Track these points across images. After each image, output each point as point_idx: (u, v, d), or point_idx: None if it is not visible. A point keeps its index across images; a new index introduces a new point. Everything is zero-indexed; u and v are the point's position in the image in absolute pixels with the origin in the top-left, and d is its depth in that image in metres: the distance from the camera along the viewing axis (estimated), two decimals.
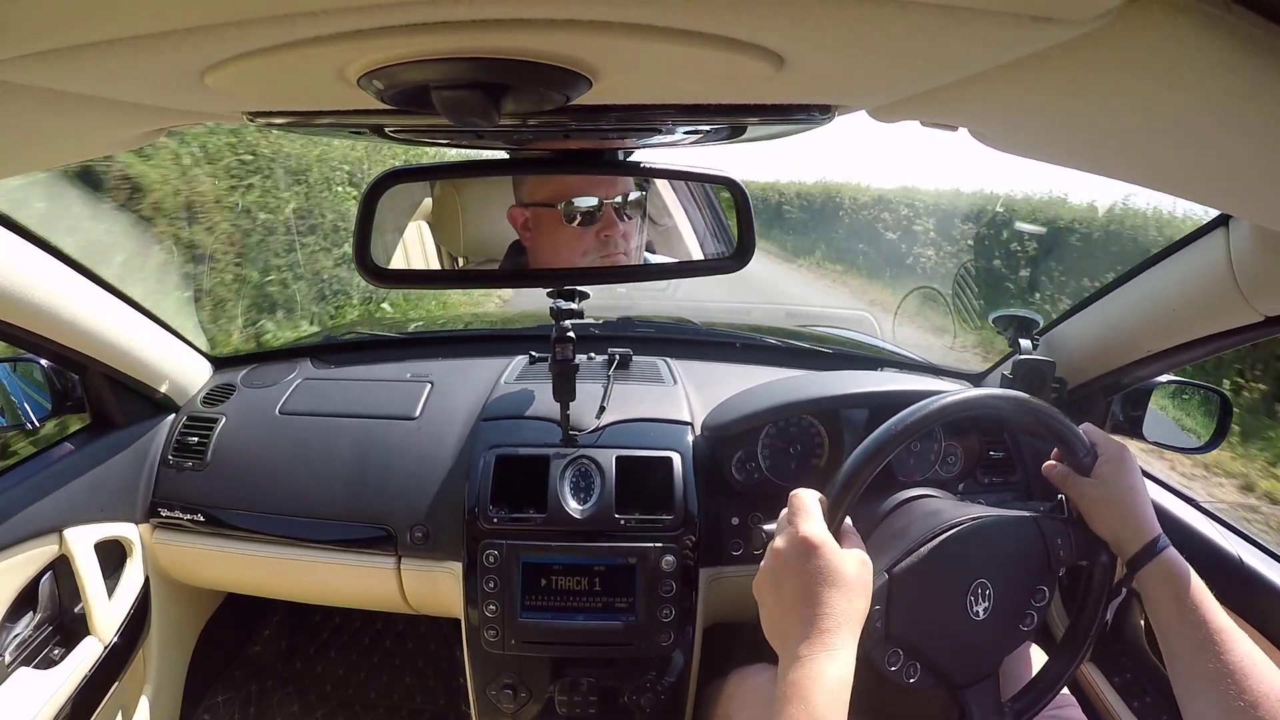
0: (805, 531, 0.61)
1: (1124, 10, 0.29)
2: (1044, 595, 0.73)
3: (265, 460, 1.14)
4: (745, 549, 1.05)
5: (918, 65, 0.38)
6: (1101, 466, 0.73)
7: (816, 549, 0.59)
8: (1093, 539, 0.74)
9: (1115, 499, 0.71)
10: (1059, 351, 1.11)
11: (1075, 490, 0.74)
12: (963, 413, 0.71)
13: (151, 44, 0.32)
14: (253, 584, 1.23)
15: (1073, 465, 0.75)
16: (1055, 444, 0.75)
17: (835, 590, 0.58)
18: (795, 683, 0.54)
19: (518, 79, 0.38)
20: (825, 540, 0.60)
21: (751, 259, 0.81)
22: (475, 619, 1.02)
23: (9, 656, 0.95)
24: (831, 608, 0.57)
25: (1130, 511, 0.71)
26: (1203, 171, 0.48)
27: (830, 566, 0.59)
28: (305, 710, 1.51)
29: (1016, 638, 0.73)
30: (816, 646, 0.56)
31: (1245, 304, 0.78)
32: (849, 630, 0.57)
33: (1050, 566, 0.72)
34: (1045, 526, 0.72)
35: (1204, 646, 0.63)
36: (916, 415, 0.68)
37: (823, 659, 0.55)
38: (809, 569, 0.59)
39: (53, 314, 0.92)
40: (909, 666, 0.68)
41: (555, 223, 0.80)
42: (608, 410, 1.12)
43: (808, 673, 0.54)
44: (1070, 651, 0.76)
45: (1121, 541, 0.71)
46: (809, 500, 0.64)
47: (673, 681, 1.04)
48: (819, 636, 0.56)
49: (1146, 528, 0.70)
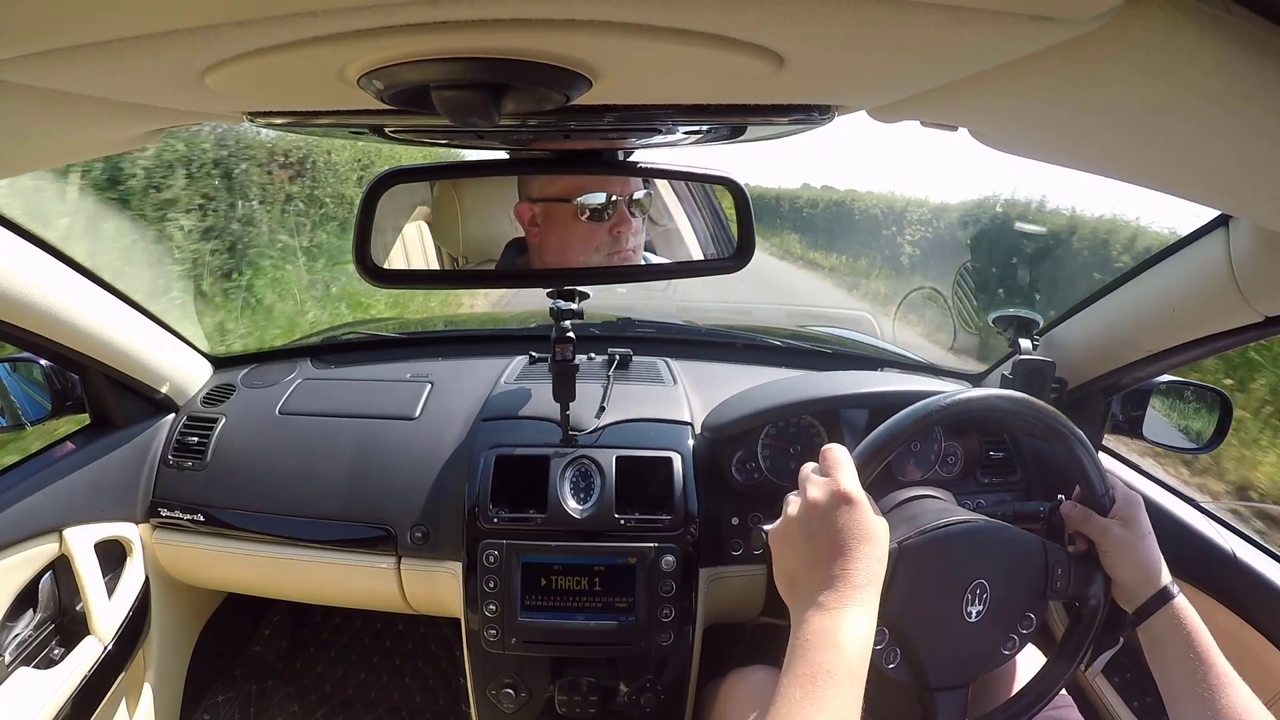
0: (845, 485, 0.59)
1: (1124, 10, 0.29)
2: (1031, 622, 0.73)
3: (265, 460, 1.14)
4: (745, 549, 1.05)
5: (918, 65, 0.38)
6: (1122, 509, 0.73)
7: (856, 503, 0.59)
8: (1088, 579, 0.74)
9: (1134, 542, 0.72)
10: (1059, 352, 1.11)
11: (1097, 529, 0.74)
12: (1005, 416, 0.71)
13: (151, 44, 0.32)
14: (253, 584, 1.23)
15: (1090, 503, 0.75)
16: (1076, 475, 0.75)
17: (869, 547, 0.57)
18: (825, 630, 0.53)
19: (518, 79, 0.38)
20: (863, 496, 0.59)
21: (751, 259, 0.81)
22: (475, 619, 1.02)
23: (9, 656, 0.95)
24: (866, 563, 0.56)
25: (1145, 556, 0.71)
26: (1203, 171, 0.48)
27: (867, 523, 0.58)
28: (305, 710, 1.51)
29: (996, 658, 0.73)
30: (848, 599, 0.55)
31: (1245, 304, 0.78)
32: (876, 589, 0.57)
33: (1044, 593, 0.72)
34: (1050, 552, 0.73)
35: (1207, 691, 0.63)
36: (962, 400, 0.69)
37: (854, 611, 0.54)
38: (846, 522, 0.58)
39: (53, 314, 0.92)
40: (891, 651, 0.68)
41: (568, 218, 0.80)
42: (608, 410, 1.12)
43: (837, 623, 0.53)
44: (1049, 679, 0.76)
45: (1135, 584, 0.71)
46: (844, 455, 0.63)
47: (672, 681, 1.04)
48: (852, 590, 0.55)
49: (1161, 574, 0.70)
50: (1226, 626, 0.91)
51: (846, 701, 0.50)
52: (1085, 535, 0.75)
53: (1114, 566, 0.73)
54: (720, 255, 0.90)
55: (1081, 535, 0.75)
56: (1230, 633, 0.91)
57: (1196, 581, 0.94)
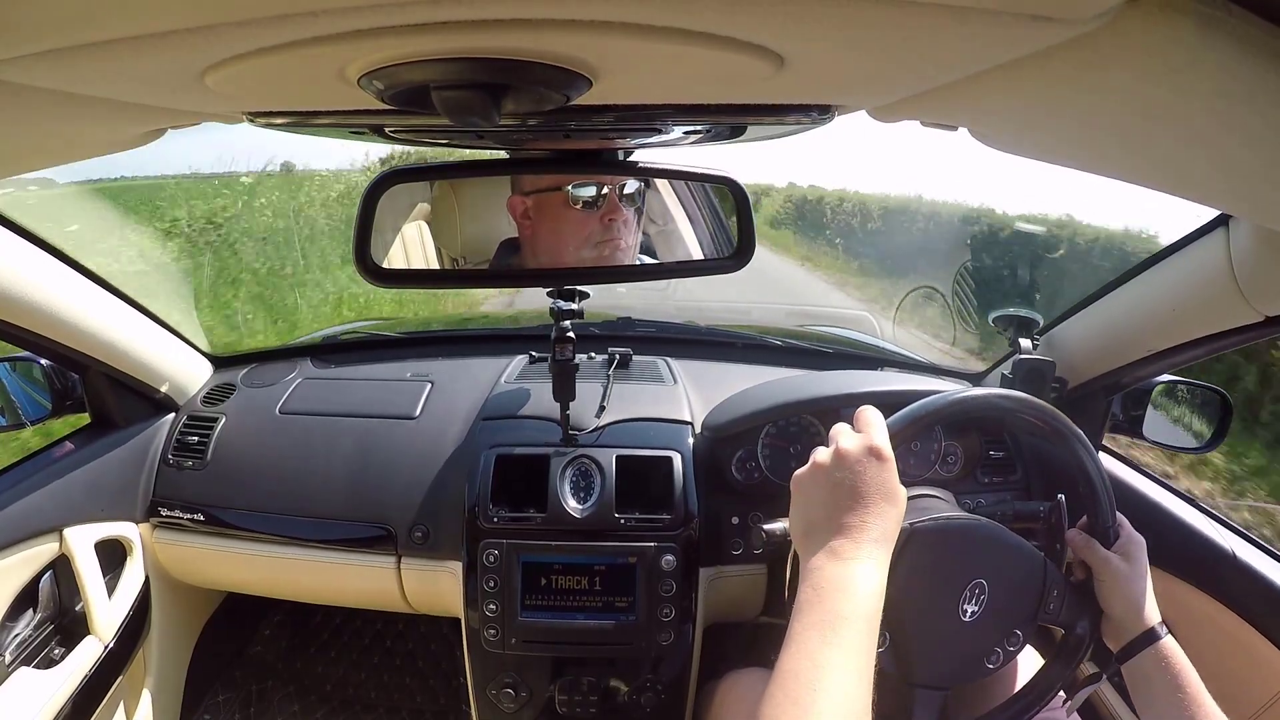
0: (879, 442, 0.60)
1: (1123, 10, 0.29)
2: (1018, 640, 0.73)
3: (265, 460, 1.14)
4: (745, 548, 1.05)
5: (918, 65, 0.38)
6: (1126, 545, 0.74)
7: (886, 461, 0.59)
8: (1080, 611, 0.74)
9: (1132, 579, 0.72)
10: (1059, 351, 1.11)
11: (1097, 558, 0.74)
12: (1038, 427, 0.73)
13: (151, 44, 0.32)
14: (253, 584, 1.23)
15: (1095, 533, 0.76)
16: (1088, 504, 0.76)
17: (890, 506, 0.58)
18: (839, 578, 0.53)
19: (518, 79, 0.38)
20: (892, 457, 0.60)
21: (751, 258, 0.81)
22: (475, 618, 1.02)
23: (9, 656, 0.95)
24: (883, 522, 0.57)
25: (1140, 594, 0.72)
26: (1202, 171, 0.48)
27: (892, 483, 0.58)
28: (305, 710, 1.51)
29: (979, 669, 0.73)
30: (862, 551, 0.55)
31: (1245, 304, 0.78)
32: (888, 548, 0.57)
33: (1036, 614, 0.73)
34: (1050, 573, 0.73)
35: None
36: (1008, 399, 0.70)
37: (868, 563, 0.54)
38: (874, 477, 0.58)
39: (53, 314, 0.92)
40: (882, 635, 0.68)
41: (559, 208, 0.80)
42: (608, 410, 1.12)
43: (852, 572, 0.53)
44: (1020, 706, 0.76)
45: (1126, 619, 0.72)
46: (879, 417, 0.63)
47: (672, 681, 1.04)
48: (870, 544, 0.55)
49: (1152, 612, 0.71)
50: (1227, 627, 0.91)
51: (864, 645, 0.50)
52: (1085, 564, 0.75)
53: (1108, 599, 0.73)
54: (720, 255, 0.90)
55: (1082, 566, 0.76)
56: (1230, 633, 0.91)
57: (1197, 581, 0.94)
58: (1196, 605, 0.95)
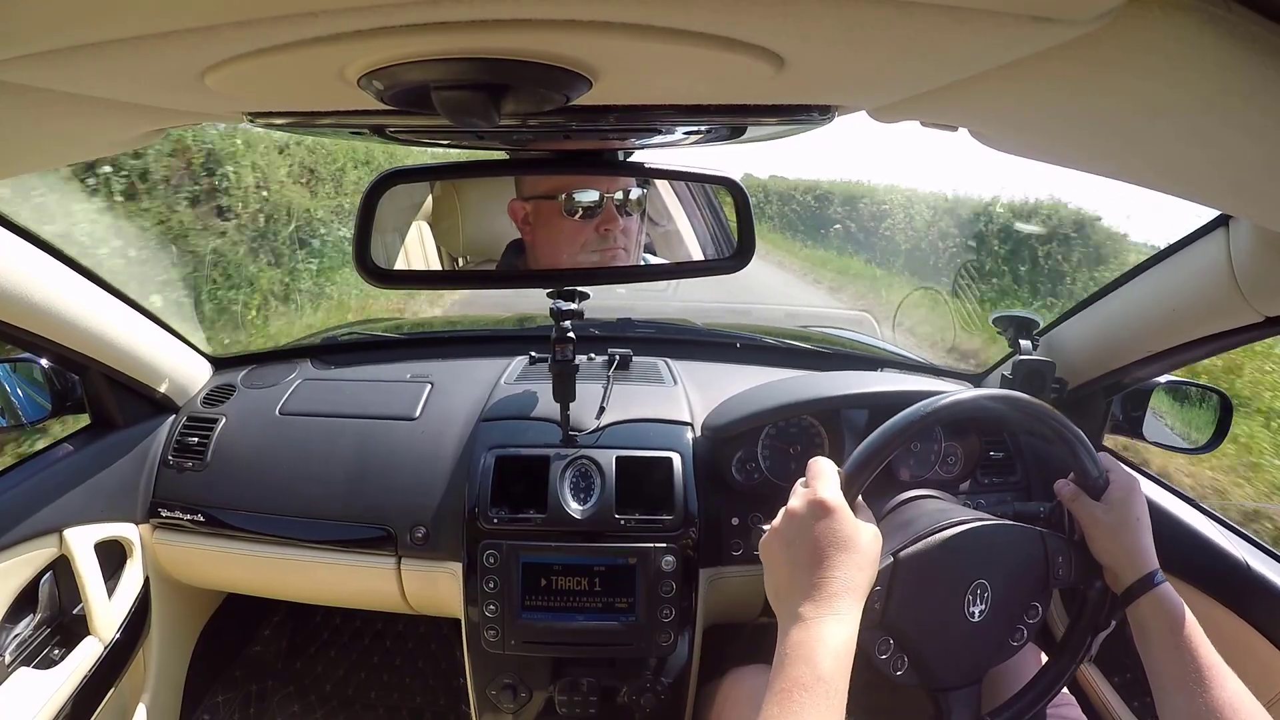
0: (822, 494, 0.60)
1: (1124, 10, 0.29)
2: (1037, 612, 0.73)
3: (265, 461, 1.14)
4: (745, 549, 1.04)
5: (918, 65, 0.38)
6: (1113, 493, 0.73)
7: (832, 512, 0.59)
8: (1091, 564, 0.74)
9: (1120, 527, 0.72)
10: (1059, 352, 1.11)
11: (1083, 511, 0.74)
12: (981, 414, 0.71)
13: (151, 44, 0.32)
14: (253, 584, 1.23)
15: (1084, 486, 0.75)
16: (1070, 461, 0.75)
17: (846, 555, 0.58)
18: (800, 644, 0.54)
19: (518, 79, 0.38)
20: (841, 505, 0.60)
21: (751, 259, 0.81)
22: (475, 619, 1.02)
23: (9, 656, 0.95)
24: (842, 572, 0.57)
25: (1133, 542, 0.71)
26: (1203, 171, 0.48)
27: (844, 531, 0.58)
28: (305, 710, 1.51)
29: (1005, 650, 0.73)
30: (824, 609, 0.55)
31: (1245, 304, 0.78)
32: (855, 597, 0.57)
33: (1048, 584, 0.72)
34: (1049, 543, 0.72)
35: (1194, 683, 0.63)
36: (946, 405, 0.69)
37: (830, 621, 0.54)
38: (823, 531, 0.58)
39: (53, 314, 0.92)
40: (898, 658, 0.68)
41: (555, 215, 0.80)
42: (608, 410, 1.12)
43: (813, 635, 0.54)
44: (1055, 672, 0.76)
45: (1119, 569, 0.71)
46: (827, 466, 0.64)
47: (672, 681, 1.04)
48: (826, 600, 0.56)
49: (1145, 560, 0.70)
50: (1231, 631, 0.91)
51: (821, 715, 0.51)
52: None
53: (1098, 550, 0.73)
54: (720, 255, 0.90)
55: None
56: (1233, 636, 0.90)
57: (1205, 587, 0.93)
58: (1201, 609, 0.94)
